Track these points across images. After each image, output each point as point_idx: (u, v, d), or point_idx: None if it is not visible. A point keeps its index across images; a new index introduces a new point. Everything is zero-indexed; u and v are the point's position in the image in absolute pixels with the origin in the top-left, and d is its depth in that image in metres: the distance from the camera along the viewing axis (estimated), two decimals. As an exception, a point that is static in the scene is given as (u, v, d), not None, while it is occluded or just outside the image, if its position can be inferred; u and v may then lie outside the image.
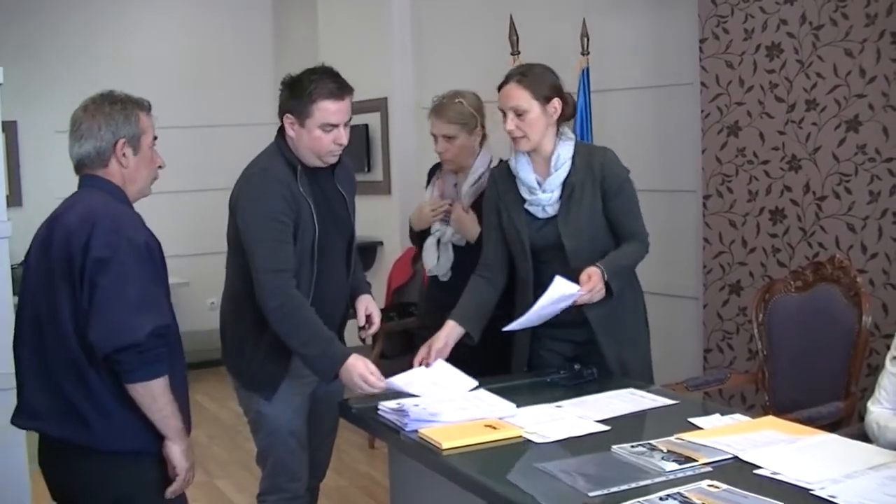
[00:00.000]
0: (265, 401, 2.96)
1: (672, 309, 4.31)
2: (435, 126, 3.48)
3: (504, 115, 2.98)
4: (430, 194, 3.65)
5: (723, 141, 3.93)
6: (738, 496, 1.91)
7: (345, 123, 2.93)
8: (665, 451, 2.20)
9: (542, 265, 3.03)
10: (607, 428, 2.46)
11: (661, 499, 1.92)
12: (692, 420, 2.47)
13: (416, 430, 2.46)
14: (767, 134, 3.76)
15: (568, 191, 2.99)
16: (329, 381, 2.86)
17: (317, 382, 2.99)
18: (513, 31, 4.71)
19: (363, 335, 3.22)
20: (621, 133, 4.36)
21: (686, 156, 4.22)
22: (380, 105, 6.13)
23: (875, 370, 3.35)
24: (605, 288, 2.85)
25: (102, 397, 2.33)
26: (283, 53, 7.92)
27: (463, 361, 2.98)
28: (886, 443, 2.35)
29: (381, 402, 2.69)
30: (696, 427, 2.42)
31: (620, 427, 2.47)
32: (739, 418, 2.52)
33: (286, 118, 2.93)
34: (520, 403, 2.67)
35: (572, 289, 2.81)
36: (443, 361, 2.93)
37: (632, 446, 2.25)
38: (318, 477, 3.25)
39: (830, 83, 3.52)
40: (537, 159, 3.04)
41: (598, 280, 2.83)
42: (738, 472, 2.08)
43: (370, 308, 3.17)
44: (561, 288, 2.81)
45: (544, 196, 3.01)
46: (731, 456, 2.17)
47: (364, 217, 3.76)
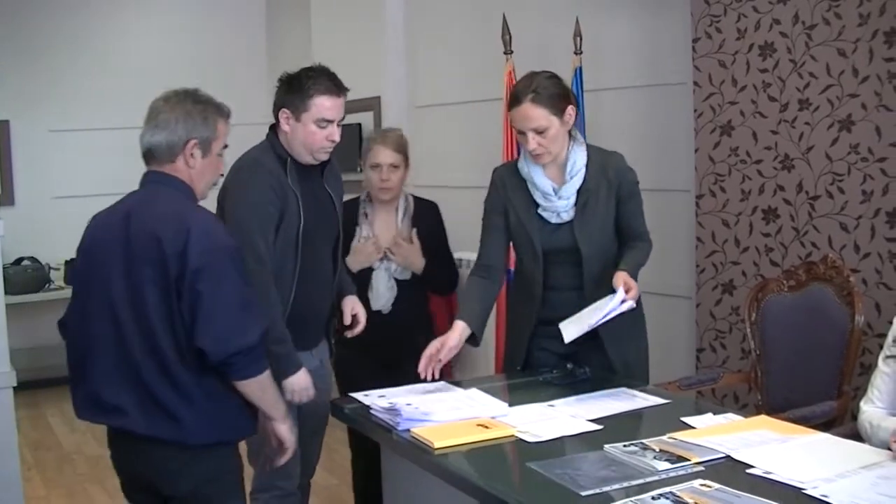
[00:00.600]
0: None
1: (665, 308, 4.30)
2: (382, 155, 3.57)
3: (522, 134, 2.94)
4: (366, 232, 3.64)
5: (716, 140, 3.93)
6: (730, 495, 1.91)
7: (338, 122, 2.97)
8: (657, 450, 2.20)
9: (552, 266, 3.03)
10: (600, 427, 2.46)
11: (653, 498, 1.92)
12: (685, 419, 2.48)
13: (408, 430, 2.46)
14: (760, 133, 3.76)
15: (584, 197, 2.99)
16: (281, 380, 2.85)
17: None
18: (505, 30, 4.70)
19: (349, 334, 3.25)
20: (614, 132, 4.35)
21: (679, 155, 4.22)
22: (373, 104, 6.12)
23: (868, 369, 3.35)
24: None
25: (190, 393, 2.38)
26: (276, 52, 7.91)
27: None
28: (879, 442, 2.35)
29: (373, 401, 2.69)
30: (688, 426, 2.42)
31: (613, 426, 2.47)
32: (732, 417, 2.53)
33: (282, 113, 2.98)
34: (512, 402, 2.68)
35: (617, 302, 2.76)
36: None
37: (624, 445, 2.25)
38: (307, 475, 3.28)
39: (823, 83, 3.52)
40: (551, 165, 3.01)
41: (635, 284, 2.81)
42: (730, 471, 2.08)
43: (356, 308, 3.24)
44: (611, 304, 2.76)
45: (560, 203, 2.99)
46: (723, 455, 2.17)
47: (356, 216, 3.78)
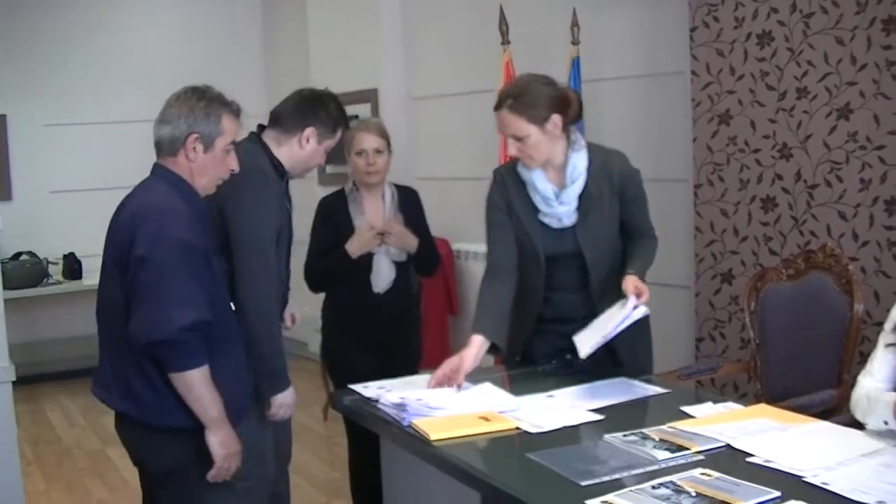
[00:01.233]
0: None
1: (664, 298, 4.29)
2: (366, 140, 3.64)
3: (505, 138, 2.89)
4: (362, 220, 3.68)
5: (714, 129, 3.92)
6: (730, 484, 1.91)
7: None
8: (657, 439, 2.20)
9: (556, 269, 2.97)
10: (600, 417, 2.46)
11: (653, 487, 1.92)
12: (684, 409, 2.47)
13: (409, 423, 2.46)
14: (758, 122, 3.76)
15: (587, 202, 2.91)
16: (269, 395, 2.91)
17: None
18: (502, 21, 4.70)
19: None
20: (612, 123, 4.35)
21: (677, 145, 4.22)
22: (370, 96, 6.11)
23: (867, 357, 3.36)
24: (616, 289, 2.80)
25: (151, 377, 2.44)
26: (272, 46, 7.89)
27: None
28: (875, 420, 2.27)
29: (379, 394, 2.69)
30: (688, 415, 2.42)
31: (613, 416, 2.47)
32: (732, 406, 2.53)
33: (308, 129, 3.01)
34: (512, 394, 2.68)
35: (630, 309, 2.71)
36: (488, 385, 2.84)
37: (624, 435, 2.25)
38: (286, 457, 3.30)
39: (821, 71, 3.51)
40: (550, 169, 2.92)
41: (646, 289, 2.75)
42: (730, 459, 2.08)
43: (291, 308, 3.30)
44: (623, 312, 2.72)
45: (562, 209, 2.91)
46: (723, 444, 2.17)
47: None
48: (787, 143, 3.66)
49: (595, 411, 2.50)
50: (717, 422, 2.33)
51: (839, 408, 3.09)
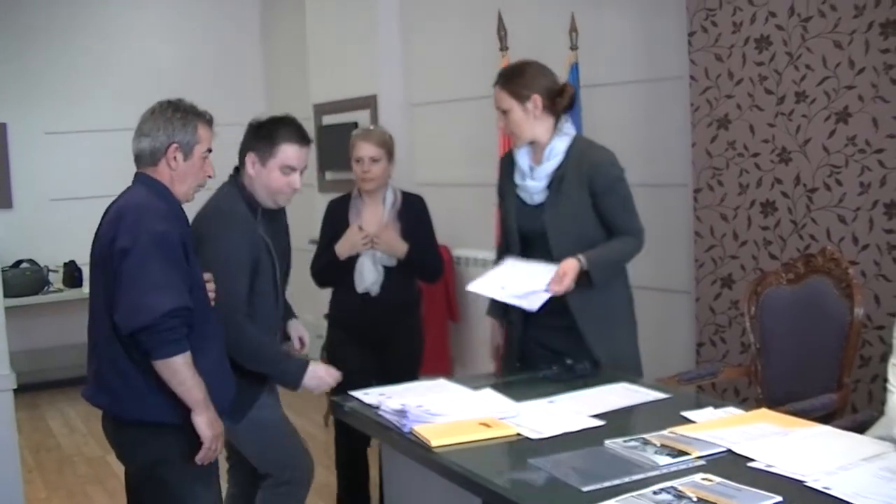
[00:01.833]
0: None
1: (664, 303, 4.30)
2: (363, 149, 3.79)
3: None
4: (353, 226, 3.84)
5: (713, 134, 3.92)
6: (731, 489, 1.91)
7: (301, 170, 3.14)
8: (658, 444, 2.20)
9: (529, 251, 3.15)
10: (601, 423, 2.46)
11: (654, 493, 1.92)
12: (685, 414, 2.48)
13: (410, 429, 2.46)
14: (757, 126, 3.76)
15: (557, 182, 3.09)
16: (298, 388, 3.05)
17: None
18: (501, 26, 4.70)
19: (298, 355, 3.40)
20: (611, 128, 4.35)
21: (676, 149, 4.21)
22: (369, 102, 6.11)
23: (868, 361, 3.36)
24: (580, 279, 2.97)
25: (129, 373, 2.58)
26: (271, 52, 7.91)
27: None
28: None
29: (379, 401, 2.69)
30: (689, 421, 2.43)
31: (614, 421, 2.47)
32: (733, 411, 2.52)
33: (248, 157, 3.12)
34: (513, 399, 2.68)
35: (546, 277, 2.95)
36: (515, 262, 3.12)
37: (625, 440, 2.25)
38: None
39: (820, 75, 3.52)
40: (536, 149, 3.16)
41: (570, 277, 2.94)
42: (731, 465, 2.08)
43: (300, 331, 3.44)
44: (540, 270, 2.98)
45: (532, 183, 3.14)
46: (724, 449, 2.17)
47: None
48: (787, 147, 3.66)
49: (596, 417, 2.50)
50: (718, 427, 2.33)
51: (840, 412, 3.10)
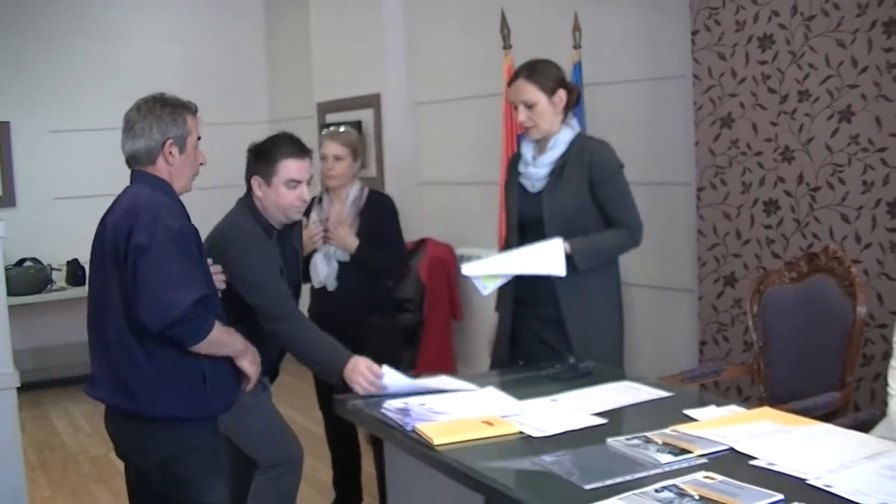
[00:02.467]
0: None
1: (667, 301, 4.31)
2: (328, 147, 3.94)
3: (515, 108, 3.24)
4: (314, 217, 4.00)
5: (716, 133, 3.93)
6: (733, 487, 1.91)
7: (307, 181, 3.20)
8: (660, 443, 2.20)
9: (527, 238, 3.21)
10: (603, 421, 2.46)
11: (656, 490, 1.92)
12: (688, 412, 2.48)
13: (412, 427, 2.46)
14: (760, 125, 3.76)
15: (558, 171, 3.20)
16: (337, 380, 3.00)
17: None
18: (504, 25, 4.70)
19: None
20: (614, 126, 4.35)
21: (679, 148, 4.22)
22: (373, 101, 6.12)
23: (870, 360, 3.36)
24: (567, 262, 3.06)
25: (145, 370, 2.60)
26: (275, 52, 7.91)
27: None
28: None
29: (386, 401, 2.69)
30: (691, 419, 2.43)
31: (616, 420, 2.47)
32: (735, 410, 2.52)
33: (254, 180, 3.20)
34: (515, 397, 2.68)
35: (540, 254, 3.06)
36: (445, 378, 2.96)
37: (627, 439, 2.25)
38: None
39: (823, 74, 3.52)
40: (542, 140, 3.26)
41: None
42: (733, 463, 2.09)
43: None
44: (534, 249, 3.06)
45: (534, 171, 3.25)
46: (726, 447, 2.17)
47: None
48: (790, 145, 3.66)
49: (598, 415, 2.50)
50: (720, 425, 2.33)
51: (842, 410, 3.10)
